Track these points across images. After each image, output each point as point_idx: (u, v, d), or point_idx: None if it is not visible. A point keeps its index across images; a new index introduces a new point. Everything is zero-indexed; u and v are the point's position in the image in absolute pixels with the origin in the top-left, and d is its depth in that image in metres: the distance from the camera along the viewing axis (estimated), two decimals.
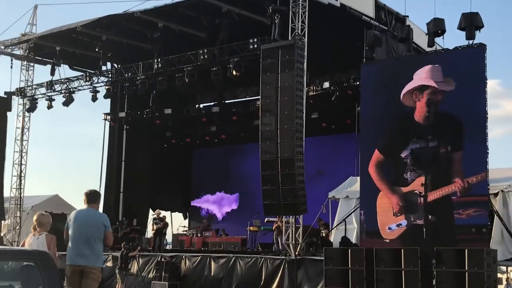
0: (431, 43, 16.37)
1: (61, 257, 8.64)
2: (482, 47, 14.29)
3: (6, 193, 24.41)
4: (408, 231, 14.47)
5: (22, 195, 25.29)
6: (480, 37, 14.88)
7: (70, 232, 8.52)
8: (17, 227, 24.65)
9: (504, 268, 15.45)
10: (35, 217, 8.89)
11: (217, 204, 29.88)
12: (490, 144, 13.65)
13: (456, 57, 14.85)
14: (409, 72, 15.02)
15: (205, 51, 20.44)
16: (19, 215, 24.88)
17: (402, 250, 12.87)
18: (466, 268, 11.89)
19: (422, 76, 14.67)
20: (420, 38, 18.30)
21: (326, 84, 22.49)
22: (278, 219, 18.84)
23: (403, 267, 12.69)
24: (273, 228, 19.75)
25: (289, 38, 16.71)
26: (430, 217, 14.15)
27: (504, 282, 16.48)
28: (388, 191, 14.91)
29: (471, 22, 14.78)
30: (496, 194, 14.87)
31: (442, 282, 12.16)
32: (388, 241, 14.64)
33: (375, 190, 15.14)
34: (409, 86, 14.79)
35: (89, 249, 8.37)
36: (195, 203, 30.79)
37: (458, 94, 14.28)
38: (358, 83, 18.83)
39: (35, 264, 6.64)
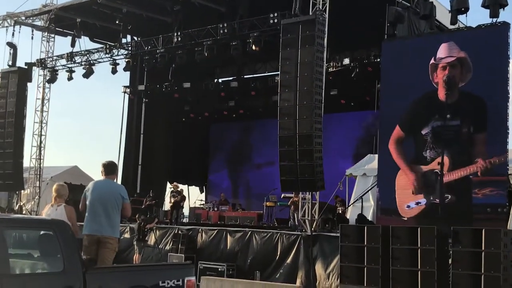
0: (454, 20, 16.11)
1: (79, 228, 8.72)
2: (505, 25, 14.02)
3: (26, 163, 24.67)
4: (427, 209, 14.39)
5: (41, 165, 25.56)
6: (504, 15, 14.67)
7: (87, 202, 8.60)
8: (36, 197, 24.95)
9: None
10: (54, 188, 8.97)
11: (234, 179, 29.98)
12: (510, 124, 13.50)
13: (479, 35, 14.61)
14: (430, 49, 14.82)
15: (225, 25, 20.35)
16: (38, 185, 25.17)
17: (419, 228, 12.83)
18: (483, 248, 11.83)
19: (440, 53, 14.51)
20: (443, 16, 18.03)
21: (346, 61, 22.33)
22: (294, 195, 18.87)
23: (419, 246, 12.66)
24: (289, 203, 19.78)
25: (310, 13, 16.55)
26: (448, 196, 14.07)
27: None
28: (407, 169, 14.82)
29: (495, 0, 14.52)
30: None
31: (458, 261, 12.12)
32: (406, 219, 14.58)
33: (393, 168, 15.05)
34: (430, 64, 14.64)
35: (106, 219, 8.46)
36: (212, 177, 30.94)
37: (480, 73, 14.10)
38: (378, 60, 18.67)
39: (53, 233, 6.74)
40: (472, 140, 14.06)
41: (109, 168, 8.86)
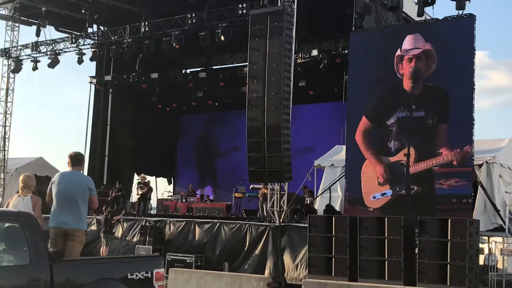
0: (420, 12, 16.27)
1: (45, 220, 8.59)
2: (471, 17, 14.21)
3: None
4: (392, 200, 14.56)
5: (6, 157, 25.18)
6: (470, 7, 14.84)
7: (53, 194, 8.47)
8: (1, 189, 24.57)
9: (486, 238, 15.63)
10: (21, 178, 8.83)
11: (202, 170, 29.91)
12: (476, 115, 13.70)
13: (445, 27, 14.77)
14: (397, 41, 14.95)
15: (193, 15, 20.23)
16: (2, 177, 24.79)
17: (386, 218, 12.97)
18: (449, 238, 12.02)
19: (406, 45, 14.66)
20: (410, 8, 18.20)
21: (315, 52, 22.37)
22: (263, 186, 18.89)
23: (386, 236, 12.80)
24: (258, 195, 19.81)
25: (279, 4, 16.54)
26: (414, 187, 14.24)
27: (486, 252, 16.71)
28: (374, 160, 14.96)
29: None
30: (480, 165, 14.94)
31: (425, 250, 12.29)
32: (371, 209, 14.73)
33: (361, 159, 15.18)
34: (396, 55, 14.78)
35: (73, 211, 8.34)
36: (180, 168, 30.81)
37: (444, 64, 14.27)
38: (346, 51, 18.77)
39: (19, 225, 6.65)
40: (435, 131, 14.24)
41: (76, 159, 8.73)
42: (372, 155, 15.01)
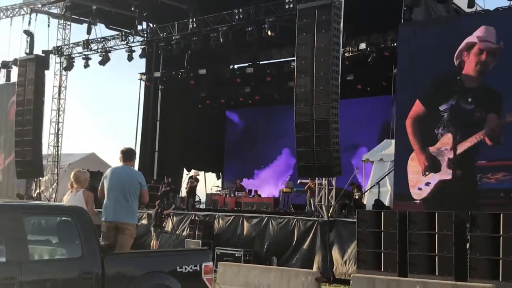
0: (471, 3, 15.98)
1: (97, 214, 8.78)
2: None
3: (44, 150, 24.82)
4: (436, 189, 14.33)
5: (59, 152, 25.73)
6: None
7: (105, 188, 8.65)
8: (54, 184, 25.14)
9: None
10: (72, 174, 9.01)
11: (250, 165, 29.99)
12: None
13: (500, 18, 14.40)
14: (449, 33, 14.67)
15: (240, 10, 20.27)
16: (56, 172, 25.35)
17: (436, 213, 12.80)
18: (501, 233, 11.79)
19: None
20: None
21: (363, 45, 22.13)
22: (310, 181, 18.85)
23: (436, 231, 12.63)
24: (305, 189, 19.79)
25: None
26: (455, 173, 14.00)
27: None
28: (419, 150, 14.76)
29: None
30: None
31: (476, 246, 12.09)
32: (418, 201, 14.53)
33: (408, 152, 14.98)
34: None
35: (124, 206, 8.50)
36: (228, 163, 30.98)
37: (501, 65, 13.89)
38: (395, 44, 18.53)
39: (72, 219, 6.79)
40: (484, 118, 13.93)
41: (127, 154, 8.89)
42: (418, 146, 14.80)
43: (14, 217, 6.36)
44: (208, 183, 29.46)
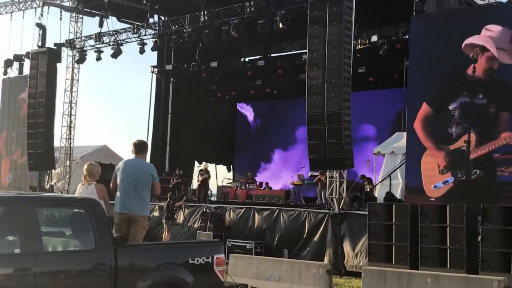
0: None
1: (110, 206, 8.85)
2: None
3: (56, 143, 25.01)
4: (454, 188, 14.31)
5: (71, 145, 25.88)
6: None
7: (118, 181, 8.71)
8: (67, 176, 25.30)
9: None
10: (85, 167, 9.10)
11: (261, 158, 30.03)
12: None
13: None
14: (461, 25, 14.60)
15: (252, 3, 20.24)
16: (68, 165, 25.52)
17: (448, 206, 12.76)
18: None
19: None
20: None
21: (374, 38, 22.03)
22: (320, 173, 18.84)
23: (448, 224, 12.61)
24: (314, 181, 19.79)
25: None
26: (477, 171, 13.95)
27: None
28: (434, 148, 14.72)
29: None
30: None
31: (488, 239, 12.05)
32: (433, 199, 14.51)
33: (420, 148, 14.95)
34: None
35: (137, 198, 8.56)
36: (239, 156, 31.03)
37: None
38: (407, 37, 18.45)
39: (85, 211, 6.85)
40: (497, 118, 13.89)
41: (140, 147, 8.95)
42: (432, 144, 14.76)
43: (27, 209, 6.43)
44: (219, 176, 29.57)
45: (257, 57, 28.20)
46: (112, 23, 24.86)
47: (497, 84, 14.06)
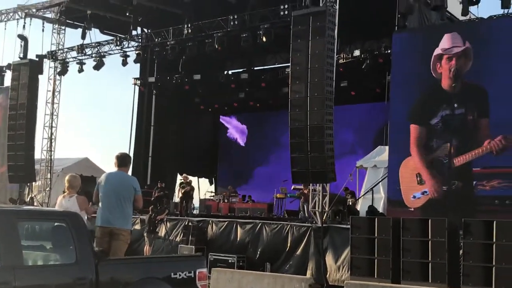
0: (465, 11, 16.03)
1: (91, 219, 8.78)
2: None
3: (37, 155, 24.77)
4: (433, 198, 14.36)
5: (52, 157, 25.67)
6: None
7: (100, 194, 8.65)
8: (47, 189, 25.08)
9: None
10: (66, 178, 9.03)
11: (244, 171, 29.99)
12: None
13: (490, 25, 14.54)
14: (434, 40, 14.77)
15: (235, 17, 20.33)
16: (49, 177, 25.30)
17: (430, 220, 12.82)
18: (494, 240, 11.82)
19: (444, 44, 14.46)
20: (454, 7, 17.90)
21: (357, 52, 22.20)
22: (303, 187, 18.86)
23: (430, 237, 12.65)
24: (297, 194, 19.78)
25: (321, 5, 16.48)
26: (454, 182, 14.03)
27: None
28: (414, 158, 14.79)
29: None
30: None
31: (469, 253, 12.12)
32: (412, 209, 14.56)
33: (402, 158, 15.01)
34: (434, 54, 14.61)
35: (119, 211, 8.50)
36: (222, 168, 30.97)
37: (483, 64, 14.03)
38: (389, 51, 18.59)
39: (66, 224, 6.78)
40: (477, 125, 14.03)
41: (122, 160, 8.91)
42: (412, 154, 14.84)
43: (8, 222, 6.34)
44: (202, 189, 29.47)
45: (241, 70, 28.30)
46: (95, 35, 24.84)
47: (470, 89, 14.24)
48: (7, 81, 25.26)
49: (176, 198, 24.96)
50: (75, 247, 6.63)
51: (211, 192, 28.56)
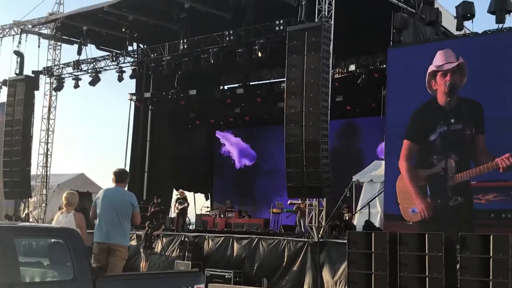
0: (460, 26, 16.16)
1: (88, 235, 8.75)
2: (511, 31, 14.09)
3: (33, 171, 24.73)
4: (431, 213, 14.39)
5: (48, 173, 25.63)
6: (510, 20, 14.74)
7: (98, 210, 8.64)
8: (43, 205, 25.01)
9: None
10: (64, 195, 9.01)
11: (240, 186, 29.96)
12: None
13: (485, 40, 14.64)
14: (428, 57, 14.88)
15: (231, 32, 20.43)
16: (45, 193, 25.23)
17: (426, 235, 12.81)
18: (491, 254, 11.81)
19: (438, 61, 14.57)
20: (449, 22, 18.05)
21: (352, 67, 22.30)
22: (300, 201, 18.85)
23: (427, 252, 12.64)
24: (294, 209, 19.78)
25: (316, 20, 16.59)
26: (456, 198, 14.07)
27: None
28: (413, 173, 14.83)
29: (501, 6, 14.57)
30: None
31: (466, 267, 12.10)
32: (411, 223, 14.58)
33: (398, 172, 15.07)
34: (429, 71, 14.71)
35: (117, 227, 8.49)
36: (218, 184, 30.93)
37: (478, 78, 14.13)
38: (384, 66, 18.68)
39: (63, 241, 6.74)
40: (474, 141, 14.10)
41: (120, 176, 8.90)
42: (409, 169, 14.89)
43: (5, 238, 6.32)
44: (198, 204, 29.40)
45: (236, 85, 28.38)
46: (91, 50, 24.93)
47: (465, 104, 14.32)
48: (3, 97, 25.30)
49: (173, 214, 24.90)
50: (72, 263, 6.59)
51: (207, 207, 28.49)
